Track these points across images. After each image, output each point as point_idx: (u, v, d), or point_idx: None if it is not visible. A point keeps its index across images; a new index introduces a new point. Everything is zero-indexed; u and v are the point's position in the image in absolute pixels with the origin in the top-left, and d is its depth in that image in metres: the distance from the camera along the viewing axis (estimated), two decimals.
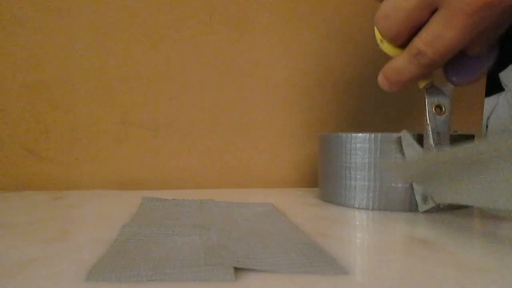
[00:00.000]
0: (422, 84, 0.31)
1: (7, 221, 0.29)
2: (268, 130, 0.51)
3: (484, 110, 0.57)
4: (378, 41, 0.32)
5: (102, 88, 0.48)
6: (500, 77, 1.08)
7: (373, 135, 0.34)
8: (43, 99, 0.47)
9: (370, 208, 0.34)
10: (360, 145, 0.35)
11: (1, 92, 0.46)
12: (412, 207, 0.33)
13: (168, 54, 0.49)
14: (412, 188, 0.33)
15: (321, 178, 0.40)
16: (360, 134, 0.35)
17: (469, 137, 0.35)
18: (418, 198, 0.32)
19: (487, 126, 1.09)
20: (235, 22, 0.50)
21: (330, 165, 0.38)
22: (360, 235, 0.26)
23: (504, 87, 1.08)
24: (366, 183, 0.34)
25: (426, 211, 0.32)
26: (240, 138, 0.51)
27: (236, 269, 0.18)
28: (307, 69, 0.51)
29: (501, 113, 1.07)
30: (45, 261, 0.20)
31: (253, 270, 0.18)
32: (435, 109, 0.31)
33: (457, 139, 0.34)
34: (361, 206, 0.35)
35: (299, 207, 0.37)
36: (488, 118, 1.11)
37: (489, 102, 1.09)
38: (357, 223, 0.30)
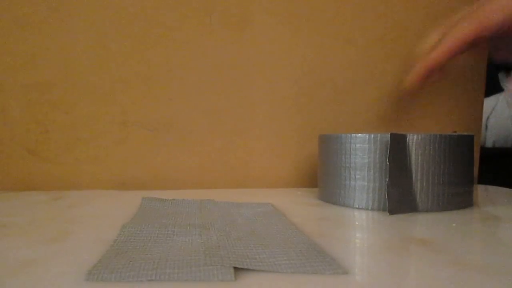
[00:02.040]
0: None
1: (7, 221, 0.29)
2: (268, 130, 0.51)
3: (484, 110, 0.57)
4: None
5: (102, 88, 0.48)
6: (499, 77, 1.08)
7: (372, 135, 0.34)
8: (43, 99, 0.47)
9: (370, 208, 0.34)
10: (360, 145, 0.35)
11: (1, 92, 0.46)
12: (413, 207, 0.33)
13: (168, 54, 0.49)
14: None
15: (321, 178, 0.40)
16: (360, 134, 0.35)
17: (469, 137, 0.35)
18: (391, 201, 0.32)
19: (487, 126, 1.09)
20: (235, 23, 0.50)
21: (330, 165, 0.38)
22: (360, 235, 0.26)
23: (504, 87, 1.08)
24: (366, 183, 0.34)
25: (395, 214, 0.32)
26: (240, 138, 0.51)
27: (236, 269, 0.18)
28: (307, 69, 0.51)
29: (501, 113, 1.07)
30: (45, 261, 0.20)
31: (253, 270, 0.18)
32: None
33: (457, 139, 0.34)
34: (360, 206, 0.35)
35: (299, 207, 0.37)
36: (488, 118, 1.11)
37: (489, 102, 1.09)
38: (357, 223, 0.30)
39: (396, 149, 0.32)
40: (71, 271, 0.18)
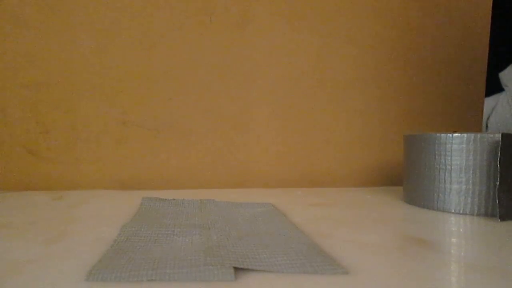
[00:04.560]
0: None
1: (7, 221, 0.29)
2: (268, 130, 0.51)
3: (484, 110, 0.57)
4: None
5: (102, 88, 0.48)
6: (500, 77, 1.08)
7: (472, 135, 0.32)
8: (43, 99, 0.47)
9: (468, 213, 0.33)
10: (457, 145, 0.33)
11: (1, 92, 0.46)
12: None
13: (168, 54, 0.49)
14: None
15: (408, 180, 0.39)
16: (457, 134, 0.33)
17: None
18: (502, 206, 0.30)
19: (487, 126, 1.09)
20: (235, 23, 0.50)
21: (422, 167, 0.36)
22: (358, 235, 0.26)
23: (504, 87, 1.08)
24: (464, 186, 0.32)
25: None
26: (241, 138, 0.51)
27: (236, 269, 0.18)
28: (307, 69, 0.51)
29: (501, 113, 1.07)
30: (45, 261, 0.20)
31: (253, 270, 0.18)
32: None
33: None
34: (459, 211, 0.33)
35: (299, 207, 0.37)
36: (488, 118, 1.11)
37: (489, 102, 1.09)
38: (357, 223, 0.30)
39: (507, 151, 0.30)
40: (71, 271, 0.18)
